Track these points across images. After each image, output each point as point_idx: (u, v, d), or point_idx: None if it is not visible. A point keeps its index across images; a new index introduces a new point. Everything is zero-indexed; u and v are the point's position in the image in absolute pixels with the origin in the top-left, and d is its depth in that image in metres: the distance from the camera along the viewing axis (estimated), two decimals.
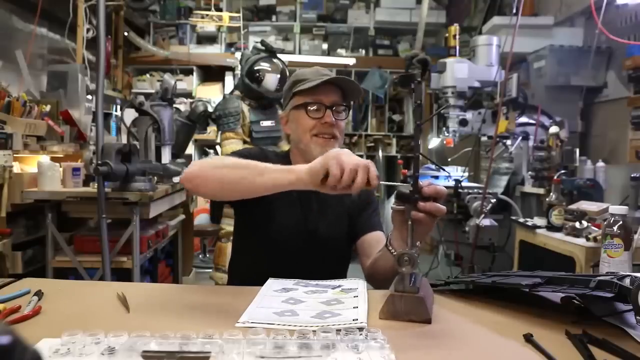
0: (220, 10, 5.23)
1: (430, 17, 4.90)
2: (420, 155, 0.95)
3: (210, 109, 3.31)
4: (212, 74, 5.48)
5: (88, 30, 3.52)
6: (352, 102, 1.35)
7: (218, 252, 3.07)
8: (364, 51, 5.66)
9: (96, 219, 2.35)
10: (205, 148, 5.43)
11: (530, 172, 3.06)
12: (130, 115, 2.65)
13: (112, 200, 2.24)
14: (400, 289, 0.89)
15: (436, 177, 3.55)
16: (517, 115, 3.25)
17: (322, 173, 0.91)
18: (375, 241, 1.32)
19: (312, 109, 1.27)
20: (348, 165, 0.89)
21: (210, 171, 1.04)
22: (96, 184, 2.22)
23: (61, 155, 2.79)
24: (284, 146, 3.16)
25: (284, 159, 1.36)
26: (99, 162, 2.14)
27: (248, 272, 1.28)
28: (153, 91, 3.87)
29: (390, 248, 1.08)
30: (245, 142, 3.25)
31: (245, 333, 0.73)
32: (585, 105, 3.35)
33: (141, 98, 2.58)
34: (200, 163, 1.08)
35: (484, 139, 3.49)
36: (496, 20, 3.72)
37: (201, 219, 4.86)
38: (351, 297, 0.98)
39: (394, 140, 5.57)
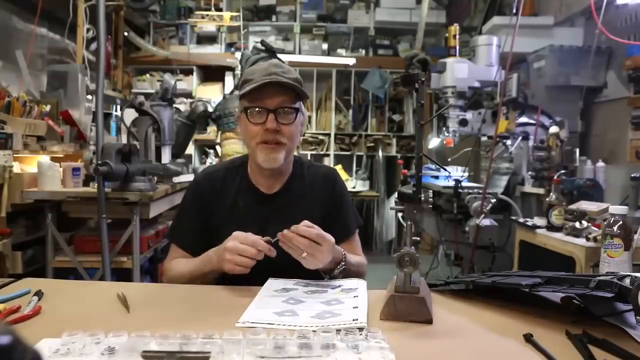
0: (220, 10, 5.23)
1: (430, 17, 4.90)
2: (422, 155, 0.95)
3: (210, 109, 3.30)
4: (212, 74, 5.48)
5: (88, 30, 3.52)
6: (302, 103, 1.26)
7: None
8: (364, 51, 5.66)
9: (96, 219, 2.35)
10: (205, 148, 5.43)
11: (530, 172, 3.06)
12: (130, 115, 2.65)
13: (112, 200, 2.24)
14: (401, 290, 0.89)
15: (436, 177, 3.55)
16: (517, 115, 3.25)
17: (220, 263, 1.09)
18: (349, 245, 1.31)
19: (252, 114, 1.19)
20: (228, 263, 1.06)
21: (175, 279, 1.22)
22: (96, 184, 2.23)
23: (61, 155, 2.79)
24: None
25: (240, 167, 1.32)
26: (99, 162, 2.14)
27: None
28: (153, 91, 3.87)
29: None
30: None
31: (245, 333, 0.73)
32: (585, 105, 3.35)
33: (141, 98, 2.58)
34: (166, 276, 1.25)
35: (484, 139, 3.48)
36: (496, 20, 3.72)
37: None
38: (351, 297, 0.98)
39: (394, 140, 5.57)
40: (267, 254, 1.06)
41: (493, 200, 2.81)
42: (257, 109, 1.18)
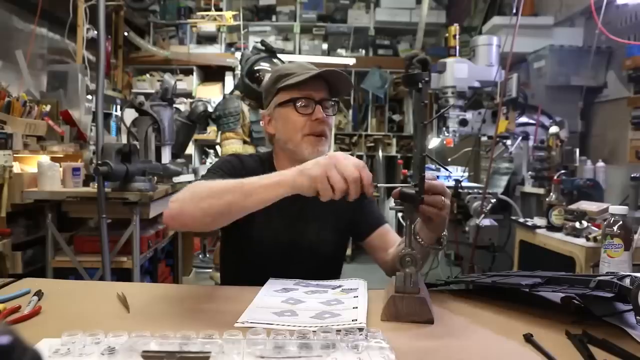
0: (220, 10, 5.23)
1: (430, 17, 4.90)
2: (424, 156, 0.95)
3: (210, 109, 3.31)
4: (212, 74, 5.49)
5: (88, 30, 3.52)
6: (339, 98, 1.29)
7: (218, 252, 3.07)
8: (364, 51, 5.66)
9: (96, 219, 2.35)
10: (205, 148, 5.43)
11: (530, 172, 3.06)
12: (130, 115, 2.66)
13: (112, 200, 2.25)
14: (401, 290, 0.89)
15: (436, 177, 3.55)
16: (517, 115, 3.25)
17: (312, 188, 0.89)
18: (386, 232, 1.30)
19: (301, 104, 1.18)
20: (337, 181, 0.86)
21: (194, 205, 0.97)
22: (96, 184, 2.23)
23: (61, 155, 2.80)
24: None
25: (266, 162, 1.30)
26: (99, 162, 2.14)
27: (237, 275, 1.25)
28: (153, 91, 3.87)
29: (418, 238, 1.04)
30: (245, 142, 3.25)
31: (245, 333, 0.73)
32: (585, 105, 3.35)
33: (141, 98, 2.58)
34: (182, 198, 1.00)
35: (484, 139, 3.49)
36: (496, 20, 3.72)
37: None
38: (351, 298, 0.98)
39: (394, 140, 5.57)
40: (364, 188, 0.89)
41: (493, 200, 2.81)
42: (304, 100, 1.19)
